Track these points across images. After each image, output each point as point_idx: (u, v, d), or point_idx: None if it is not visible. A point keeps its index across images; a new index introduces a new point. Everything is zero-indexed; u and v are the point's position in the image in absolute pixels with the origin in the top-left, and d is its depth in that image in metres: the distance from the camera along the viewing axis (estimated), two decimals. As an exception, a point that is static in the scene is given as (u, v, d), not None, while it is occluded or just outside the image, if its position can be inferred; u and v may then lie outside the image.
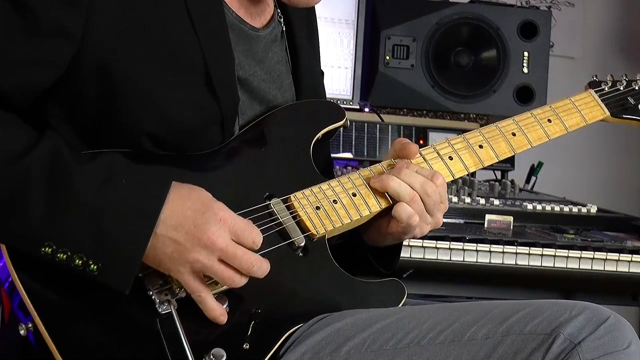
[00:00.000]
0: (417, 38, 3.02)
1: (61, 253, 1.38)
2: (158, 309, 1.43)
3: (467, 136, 1.73)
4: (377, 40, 3.04)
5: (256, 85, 1.66)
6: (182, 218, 1.41)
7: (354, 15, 3.04)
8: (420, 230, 1.62)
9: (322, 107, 1.72)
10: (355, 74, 3.04)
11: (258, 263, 1.44)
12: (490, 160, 1.73)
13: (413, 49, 3.02)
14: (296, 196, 1.58)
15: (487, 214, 2.46)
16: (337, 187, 1.61)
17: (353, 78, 3.04)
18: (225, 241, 1.42)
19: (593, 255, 2.40)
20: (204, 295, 1.43)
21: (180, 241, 1.41)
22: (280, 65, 1.72)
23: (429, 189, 1.59)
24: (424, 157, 1.68)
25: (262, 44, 1.68)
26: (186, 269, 1.41)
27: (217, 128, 1.58)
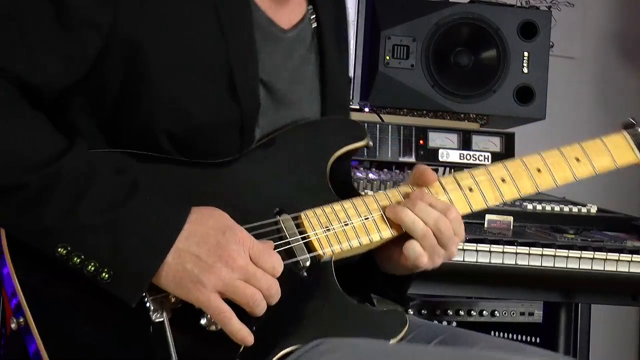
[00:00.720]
0: (417, 38, 3.01)
1: (76, 257, 1.38)
2: (151, 316, 1.42)
3: (491, 168, 1.68)
4: (377, 40, 3.04)
5: (280, 88, 1.64)
6: (204, 235, 1.41)
7: (354, 15, 3.04)
8: (432, 262, 1.58)
9: (344, 126, 1.69)
10: (355, 74, 3.04)
11: (275, 287, 1.43)
12: (511, 196, 1.68)
13: (413, 49, 3.01)
14: (307, 214, 1.55)
15: (487, 214, 2.46)
16: (350, 209, 1.57)
17: (353, 78, 3.03)
18: (245, 260, 1.41)
19: (593, 255, 2.40)
20: (229, 315, 1.41)
21: (201, 257, 1.40)
22: (307, 67, 1.70)
23: (442, 225, 1.56)
24: (443, 186, 1.63)
25: (288, 45, 1.66)
26: (208, 287, 1.40)
27: (236, 132, 1.56)
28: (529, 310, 3.12)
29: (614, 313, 3.83)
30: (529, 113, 3.11)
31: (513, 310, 3.10)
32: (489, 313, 3.06)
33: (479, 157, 3.00)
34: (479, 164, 3.01)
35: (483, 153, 3.02)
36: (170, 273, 1.40)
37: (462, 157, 2.98)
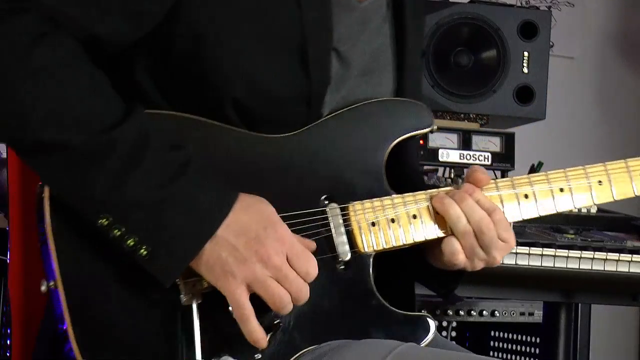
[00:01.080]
0: (416, 38, 3.01)
1: (116, 229, 1.36)
2: (181, 299, 1.41)
3: (551, 176, 1.64)
4: (377, 40, 3.04)
5: (353, 59, 1.59)
6: (245, 227, 1.39)
7: (354, 15, 3.04)
8: (472, 264, 1.55)
9: (411, 110, 1.62)
10: (355, 74, 3.04)
11: (306, 292, 1.41)
12: (566, 207, 1.61)
13: (413, 49, 3.01)
14: (354, 207, 1.52)
15: (486, 214, 2.46)
16: (400, 205, 1.53)
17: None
18: (281, 260, 1.39)
19: (593, 255, 2.40)
20: (248, 314, 1.39)
21: (238, 248, 1.38)
22: (381, 39, 1.65)
23: (484, 226, 1.51)
24: (498, 186, 1.58)
25: (363, 15, 1.62)
26: (238, 279, 1.38)
27: (303, 105, 1.53)
28: (529, 310, 3.12)
29: (614, 313, 3.83)
30: (529, 113, 3.11)
31: (513, 310, 3.10)
32: (489, 313, 3.06)
33: (479, 157, 3.00)
34: (479, 164, 3.01)
35: (483, 153, 3.02)
36: (204, 258, 1.38)
37: (462, 157, 2.98)
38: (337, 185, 1.53)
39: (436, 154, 2.93)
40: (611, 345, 4.00)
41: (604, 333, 3.75)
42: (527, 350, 3.29)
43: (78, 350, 1.38)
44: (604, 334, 3.79)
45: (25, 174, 1.66)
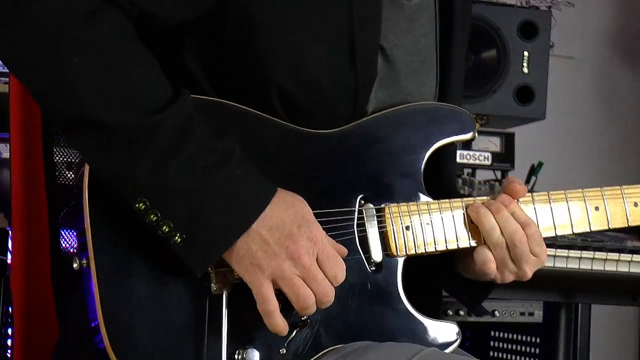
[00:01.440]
0: (417, 38, 3.01)
1: (152, 214, 1.36)
2: (212, 287, 1.41)
3: (588, 193, 1.60)
4: (377, 40, 3.03)
5: (398, 57, 1.59)
6: (279, 222, 1.39)
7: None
8: (502, 276, 1.55)
9: (454, 116, 1.61)
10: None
11: (331, 296, 1.40)
12: (601, 225, 1.60)
13: (413, 49, 3.01)
14: (390, 209, 1.52)
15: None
16: (435, 211, 1.53)
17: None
18: (311, 260, 1.39)
19: (593, 255, 2.40)
20: (272, 308, 1.39)
21: (269, 243, 1.38)
22: (427, 38, 1.64)
23: (517, 239, 1.51)
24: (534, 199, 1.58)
25: (411, 12, 1.61)
26: (265, 274, 1.38)
27: (349, 99, 1.52)
28: (529, 310, 3.11)
29: (614, 313, 3.84)
30: (529, 113, 3.11)
31: (513, 310, 3.10)
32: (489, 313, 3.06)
33: (479, 157, 3.01)
34: (479, 164, 3.01)
35: (483, 153, 3.02)
36: (235, 249, 1.38)
37: (462, 157, 2.98)
38: (375, 186, 1.53)
39: (436, 154, 2.94)
40: (611, 345, 4.00)
41: (604, 333, 3.75)
42: (527, 350, 3.29)
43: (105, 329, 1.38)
44: (604, 334, 3.79)
45: (28, 173, 1.66)
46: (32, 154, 1.67)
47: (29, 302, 1.66)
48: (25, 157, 1.54)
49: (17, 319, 1.69)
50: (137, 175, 1.35)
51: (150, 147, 1.35)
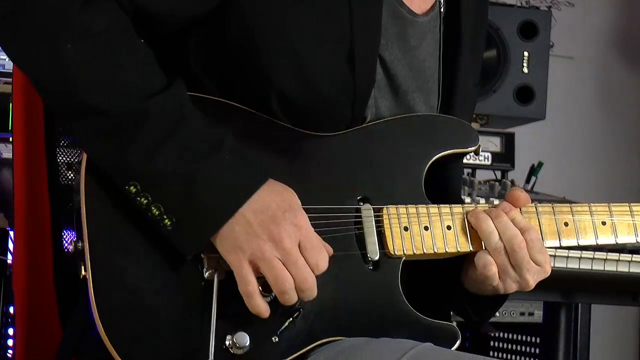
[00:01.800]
0: (417, 38, 3.01)
1: (143, 197, 1.38)
2: (204, 273, 1.42)
3: (595, 209, 1.59)
4: (377, 40, 3.03)
5: (397, 72, 1.60)
6: (264, 207, 1.39)
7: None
8: (504, 286, 1.52)
9: (457, 127, 1.61)
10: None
11: (312, 281, 1.40)
12: (607, 239, 1.59)
13: (413, 49, 3.01)
14: (388, 209, 1.51)
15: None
16: (435, 215, 1.53)
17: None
18: (292, 244, 1.39)
19: (593, 255, 2.40)
20: (251, 290, 1.39)
21: (252, 224, 1.39)
22: (432, 58, 1.64)
23: (516, 244, 1.50)
24: (538, 212, 1.57)
25: (418, 31, 1.61)
26: (246, 255, 1.38)
27: (348, 105, 1.53)
28: (529, 310, 3.12)
29: (614, 313, 3.84)
30: (529, 113, 3.12)
31: (513, 310, 3.11)
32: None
33: (479, 157, 3.01)
34: (479, 164, 3.01)
35: (483, 153, 3.02)
36: (220, 231, 1.39)
37: (462, 157, 2.98)
38: (374, 188, 1.53)
39: (436, 154, 2.94)
40: (611, 345, 4.00)
41: (604, 333, 3.75)
42: (527, 350, 3.29)
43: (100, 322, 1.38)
44: (604, 334, 3.79)
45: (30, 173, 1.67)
46: (35, 154, 1.67)
47: (31, 302, 1.66)
48: (28, 158, 1.54)
49: (19, 320, 1.69)
50: (129, 159, 1.37)
51: (142, 132, 1.37)
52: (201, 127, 1.41)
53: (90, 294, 1.39)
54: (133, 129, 1.37)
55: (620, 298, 2.65)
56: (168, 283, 1.42)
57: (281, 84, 1.49)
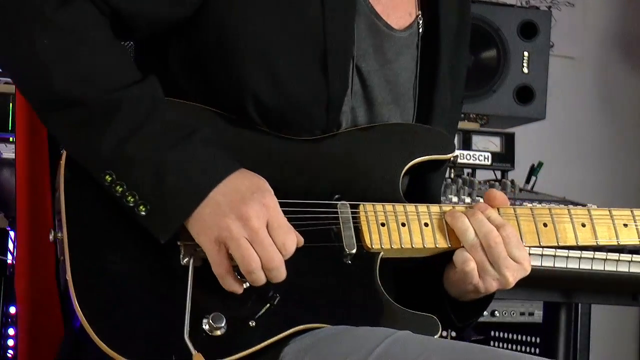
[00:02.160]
0: (417, 38, 3.01)
1: (118, 186, 1.41)
2: (181, 260, 1.44)
3: (574, 212, 1.62)
4: (377, 40, 3.03)
5: (373, 84, 1.63)
6: (233, 189, 1.42)
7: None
8: (484, 284, 1.54)
9: (433, 136, 1.65)
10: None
11: (278, 263, 1.41)
12: (586, 241, 1.61)
13: (413, 49, 3.01)
14: (365, 206, 1.54)
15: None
16: (412, 213, 1.55)
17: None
18: (260, 224, 1.41)
19: (593, 255, 2.40)
20: (223, 271, 1.42)
21: (220, 204, 1.41)
22: (407, 73, 1.67)
23: (492, 239, 1.52)
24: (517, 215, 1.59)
25: (395, 46, 1.64)
26: (214, 234, 1.41)
27: (322, 109, 1.55)
28: (529, 310, 3.12)
29: (614, 313, 3.84)
30: (529, 113, 3.12)
31: (513, 310, 3.11)
32: (489, 313, 3.07)
33: (479, 157, 3.01)
34: (479, 164, 3.01)
35: (483, 153, 3.02)
36: (192, 215, 1.42)
37: (462, 157, 2.98)
38: (352, 189, 1.55)
39: (436, 154, 2.94)
40: (611, 345, 4.00)
41: (604, 333, 3.75)
42: (527, 350, 3.29)
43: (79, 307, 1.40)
44: (604, 334, 3.79)
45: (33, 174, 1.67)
46: (38, 154, 1.69)
47: (33, 303, 1.66)
48: (31, 157, 1.56)
49: (21, 320, 1.69)
50: (102, 147, 1.41)
51: (114, 121, 1.41)
52: (174, 118, 1.45)
53: (70, 282, 1.41)
54: (106, 119, 1.41)
55: (620, 298, 2.65)
56: (147, 271, 1.44)
57: (255, 89, 1.52)
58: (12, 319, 2.67)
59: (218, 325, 1.42)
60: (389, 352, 1.40)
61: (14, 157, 1.84)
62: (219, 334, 1.42)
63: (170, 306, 1.42)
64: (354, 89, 1.60)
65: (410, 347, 1.42)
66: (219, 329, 1.42)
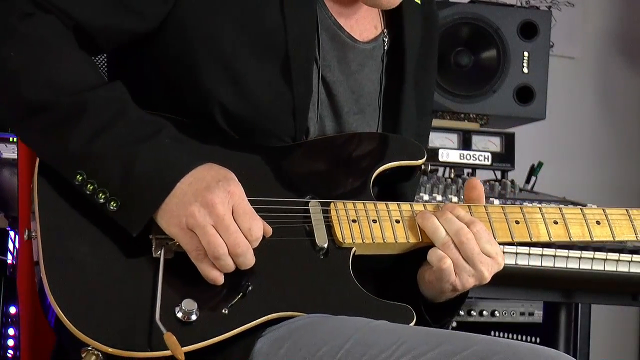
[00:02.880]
0: (417, 38, 3.01)
1: (89, 184, 1.45)
2: (153, 252, 1.46)
3: (546, 210, 1.64)
4: (377, 40, 3.03)
5: (338, 94, 1.66)
6: (199, 179, 1.44)
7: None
8: (461, 281, 1.55)
9: (402, 143, 1.69)
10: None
11: (244, 248, 1.44)
12: (559, 238, 1.63)
13: (413, 49, 3.01)
14: (336, 204, 1.56)
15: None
16: (383, 211, 1.58)
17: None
18: (225, 210, 1.43)
19: (593, 255, 2.40)
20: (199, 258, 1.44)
21: (186, 193, 1.43)
22: (373, 85, 1.71)
23: (463, 236, 1.54)
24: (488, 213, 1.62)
25: (359, 57, 1.68)
26: (182, 222, 1.43)
27: (288, 115, 1.59)
28: (529, 310, 3.12)
29: (614, 313, 3.84)
30: (529, 113, 3.12)
31: (513, 310, 3.11)
32: (489, 313, 3.07)
33: (479, 157, 3.01)
34: (479, 164, 3.01)
35: (483, 153, 3.02)
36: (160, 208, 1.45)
37: (462, 157, 2.98)
38: (323, 190, 1.58)
39: (436, 154, 2.94)
40: (611, 345, 4.01)
41: (604, 333, 3.75)
42: (527, 350, 3.28)
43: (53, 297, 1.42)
44: (604, 334, 3.79)
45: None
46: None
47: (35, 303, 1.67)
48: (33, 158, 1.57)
49: (23, 320, 1.70)
50: (70, 147, 1.44)
51: (81, 122, 1.45)
52: (141, 116, 1.49)
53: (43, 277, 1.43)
54: (73, 120, 1.45)
55: (620, 298, 2.66)
56: (122, 266, 1.46)
57: (221, 98, 1.56)
58: (12, 319, 2.67)
59: (190, 311, 1.43)
60: (364, 339, 1.42)
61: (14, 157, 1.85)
62: (191, 320, 1.43)
63: (144, 297, 1.44)
64: (320, 97, 1.63)
65: (385, 334, 1.43)
66: (192, 314, 1.43)
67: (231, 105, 1.56)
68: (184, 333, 1.42)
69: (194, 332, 1.43)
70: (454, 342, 1.40)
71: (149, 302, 1.43)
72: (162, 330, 1.39)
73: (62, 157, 1.47)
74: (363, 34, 1.69)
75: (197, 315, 1.43)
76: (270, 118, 1.58)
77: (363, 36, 1.69)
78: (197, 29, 1.56)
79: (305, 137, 1.62)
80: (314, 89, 1.62)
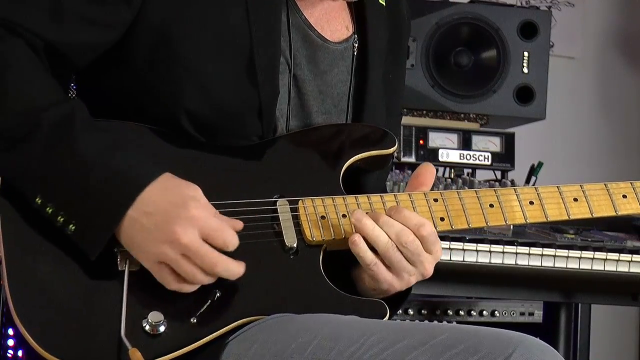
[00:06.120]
0: (416, 38, 3.02)
1: (49, 207, 1.45)
2: (118, 266, 1.47)
3: (521, 191, 1.61)
4: (377, 40, 3.03)
5: (307, 93, 1.66)
6: (155, 207, 1.44)
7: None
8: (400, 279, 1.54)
9: (372, 132, 1.67)
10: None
11: (223, 264, 1.44)
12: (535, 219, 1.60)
13: (413, 49, 3.02)
14: (304, 201, 1.56)
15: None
16: (352, 205, 1.56)
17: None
18: (190, 238, 1.42)
19: (593, 255, 2.40)
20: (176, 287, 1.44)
21: (149, 229, 1.43)
22: (342, 85, 1.71)
23: (404, 239, 1.51)
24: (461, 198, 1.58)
25: (328, 57, 1.68)
26: (153, 258, 1.44)
27: (255, 116, 1.59)
28: (529, 310, 3.11)
29: (614, 313, 3.84)
30: (529, 113, 3.12)
31: (513, 310, 3.10)
32: (489, 313, 3.06)
33: (479, 157, 3.01)
34: (479, 164, 3.01)
35: (483, 153, 3.02)
36: (122, 234, 1.45)
37: (462, 157, 2.99)
38: (291, 187, 1.58)
39: (436, 154, 2.94)
40: (611, 345, 4.00)
41: (604, 333, 3.75)
42: (527, 350, 3.28)
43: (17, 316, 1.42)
44: (604, 334, 3.79)
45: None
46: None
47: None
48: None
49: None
50: (27, 170, 1.46)
51: (34, 143, 1.45)
52: (93, 133, 1.47)
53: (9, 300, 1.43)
54: (27, 143, 1.45)
55: (620, 298, 2.65)
56: (86, 281, 1.46)
57: (187, 102, 1.56)
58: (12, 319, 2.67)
59: (157, 323, 1.43)
60: (333, 334, 1.42)
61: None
62: (160, 332, 1.44)
63: (110, 311, 1.44)
64: (291, 96, 1.64)
65: (353, 328, 1.44)
66: (159, 326, 1.44)
67: (197, 108, 1.56)
68: (153, 345, 1.43)
69: (162, 343, 1.44)
70: (421, 332, 1.41)
71: (115, 316, 1.43)
72: (127, 346, 1.40)
73: (19, 179, 1.48)
74: (334, 35, 1.69)
75: (165, 326, 1.44)
76: (236, 119, 1.58)
77: (334, 36, 1.69)
78: (159, 31, 1.55)
79: (272, 135, 1.61)
80: (283, 88, 1.62)
